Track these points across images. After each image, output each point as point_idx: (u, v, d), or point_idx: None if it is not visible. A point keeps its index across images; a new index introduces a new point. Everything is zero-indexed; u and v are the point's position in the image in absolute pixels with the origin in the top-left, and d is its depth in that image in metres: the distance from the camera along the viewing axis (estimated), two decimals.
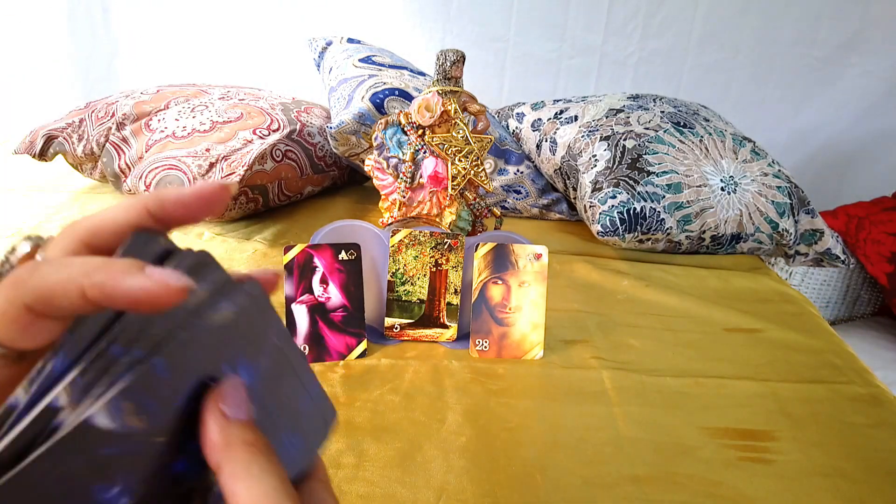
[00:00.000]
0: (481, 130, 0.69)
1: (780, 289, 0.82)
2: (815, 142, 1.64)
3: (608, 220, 0.86)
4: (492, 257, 0.62)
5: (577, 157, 0.97)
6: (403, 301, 0.63)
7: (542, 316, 0.62)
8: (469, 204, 0.71)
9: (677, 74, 1.57)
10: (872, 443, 0.53)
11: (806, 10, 1.46)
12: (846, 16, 1.45)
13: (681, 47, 1.54)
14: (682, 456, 0.50)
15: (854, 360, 0.66)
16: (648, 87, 1.54)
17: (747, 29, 1.51)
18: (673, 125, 0.97)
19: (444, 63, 0.65)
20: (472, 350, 0.61)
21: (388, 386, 0.56)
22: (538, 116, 1.10)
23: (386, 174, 0.73)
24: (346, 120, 0.92)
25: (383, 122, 0.71)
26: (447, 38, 1.52)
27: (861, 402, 0.58)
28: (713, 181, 0.90)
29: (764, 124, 1.58)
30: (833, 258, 0.94)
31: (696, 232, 0.89)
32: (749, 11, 1.49)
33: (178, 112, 0.97)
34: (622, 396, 0.57)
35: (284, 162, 0.94)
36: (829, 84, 1.54)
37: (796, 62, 1.53)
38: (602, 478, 0.46)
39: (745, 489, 0.46)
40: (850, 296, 1.58)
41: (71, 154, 0.97)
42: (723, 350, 0.66)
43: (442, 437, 0.50)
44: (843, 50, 1.49)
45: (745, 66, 1.55)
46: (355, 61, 1.07)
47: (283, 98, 1.10)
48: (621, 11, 1.51)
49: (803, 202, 0.94)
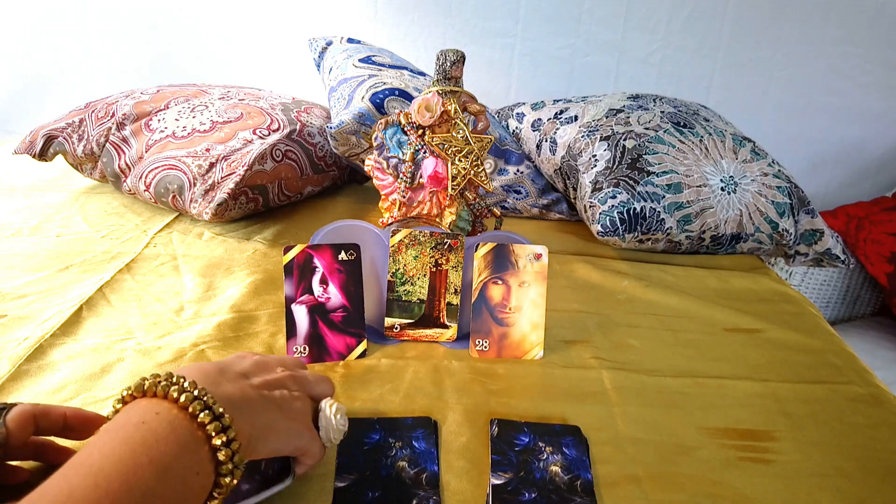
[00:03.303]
0: (481, 130, 0.69)
1: (780, 289, 0.82)
2: (869, 155, 1.51)
3: (608, 220, 0.86)
4: (492, 257, 0.62)
5: (577, 157, 0.97)
6: (403, 301, 0.63)
7: (542, 316, 0.62)
8: (469, 204, 0.71)
9: (707, 74, 1.44)
10: (872, 443, 0.53)
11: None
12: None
13: (711, 44, 1.40)
14: (682, 456, 0.50)
15: (854, 360, 0.66)
16: (674, 87, 1.44)
17: (787, 23, 1.38)
18: (673, 125, 0.97)
19: (444, 63, 0.65)
20: (472, 350, 0.61)
21: (389, 386, 0.56)
22: (538, 116, 1.10)
23: (386, 174, 0.73)
24: (346, 120, 0.92)
25: (383, 122, 0.71)
26: (448, 34, 1.42)
27: (861, 402, 0.58)
28: (713, 181, 0.90)
29: (809, 135, 1.47)
30: (833, 258, 0.94)
31: (696, 232, 0.89)
32: (788, 4, 1.36)
33: (178, 112, 0.97)
34: (622, 396, 0.57)
35: (284, 162, 0.94)
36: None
37: (845, 62, 1.40)
38: (602, 478, 0.46)
39: (745, 489, 0.46)
40: (850, 296, 1.58)
41: (71, 154, 0.97)
42: (723, 350, 0.66)
43: (442, 437, 0.50)
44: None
45: (785, 65, 1.42)
46: (355, 61, 1.07)
47: (283, 98, 1.10)
48: (643, 3, 1.37)
49: (803, 202, 0.94)
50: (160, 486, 0.30)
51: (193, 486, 0.32)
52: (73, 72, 1.51)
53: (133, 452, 0.30)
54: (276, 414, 0.38)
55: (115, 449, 0.30)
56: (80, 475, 0.28)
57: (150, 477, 0.29)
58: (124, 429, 0.31)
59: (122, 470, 0.29)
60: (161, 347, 0.59)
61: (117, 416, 0.33)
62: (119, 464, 0.29)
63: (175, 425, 0.32)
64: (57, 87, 1.52)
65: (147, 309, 0.66)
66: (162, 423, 0.32)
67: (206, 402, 0.33)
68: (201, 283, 0.72)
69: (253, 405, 0.37)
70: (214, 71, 1.49)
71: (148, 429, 0.31)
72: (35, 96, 1.53)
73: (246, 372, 0.40)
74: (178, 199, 0.87)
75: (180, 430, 0.32)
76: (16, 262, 0.74)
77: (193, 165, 0.87)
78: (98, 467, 0.29)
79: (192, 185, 0.86)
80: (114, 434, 0.31)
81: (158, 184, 0.88)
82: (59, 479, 0.28)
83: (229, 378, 0.38)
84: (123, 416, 0.33)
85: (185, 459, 0.31)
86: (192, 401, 0.33)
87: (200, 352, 0.58)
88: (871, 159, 1.57)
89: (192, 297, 0.69)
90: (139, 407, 0.33)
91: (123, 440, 0.31)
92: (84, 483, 0.28)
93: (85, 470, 0.29)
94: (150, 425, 0.32)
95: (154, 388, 0.34)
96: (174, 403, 0.33)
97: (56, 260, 0.75)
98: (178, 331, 0.62)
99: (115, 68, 1.51)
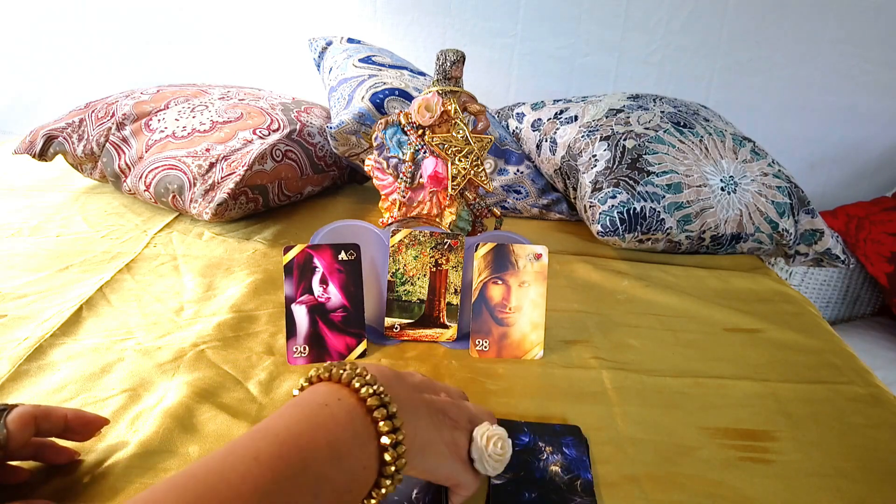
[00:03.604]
0: (481, 130, 0.69)
1: (780, 289, 0.82)
2: (868, 154, 1.52)
3: (608, 220, 0.86)
4: (492, 257, 0.62)
5: (577, 157, 0.97)
6: (403, 301, 0.63)
7: (542, 316, 0.62)
8: (469, 204, 0.71)
9: (707, 74, 1.44)
10: (872, 443, 0.53)
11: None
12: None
13: (711, 44, 1.40)
14: (682, 456, 0.50)
15: (854, 360, 0.66)
16: (674, 87, 1.44)
17: (787, 23, 1.37)
18: (673, 125, 0.97)
19: (444, 63, 0.65)
20: (472, 350, 0.61)
21: None
22: (538, 116, 1.10)
23: (386, 174, 0.73)
24: (346, 120, 0.92)
25: (383, 122, 0.71)
26: (448, 34, 1.42)
27: (861, 402, 0.58)
28: (713, 181, 0.90)
29: (808, 135, 1.47)
30: (833, 258, 0.94)
31: (696, 232, 0.89)
32: (788, 4, 1.36)
33: (178, 112, 0.97)
34: (622, 396, 0.57)
35: (284, 162, 0.94)
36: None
37: (844, 61, 1.40)
38: (602, 477, 0.46)
39: (745, 489, 0.46)
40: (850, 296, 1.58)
41: (71, 154, 0.97)
42: (723, 350, 0.66)
43: None
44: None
45: (785, 65, 1.42)
46: (355, 61, 1.07)
47: (283, 98, 1.10)
48: (642, 3, 1.37)
49: (803, 202, 0.94)
50: (332, 470, 0.31)
51: (359, 479, 0.32)
52: (73, 72, 1.51)
53: (314, 432, 0.31)
54: (436, 435, 0.38)
55: (299, 424, 0.32)
56: (266, 441, 0.30)
57: (325, 459, 0.31)
58: (309, 407, 0.33)
59: (303, 446, 0.31)
60: (161, 347, 0.59)
61: (303, 394, 0.35)
62: (300, 438, 0.31)
63: (353, 415, 0.33)
64: (57, 87, 1.52)
65: (147, 309, 0.66)
66: (342, 410, 0.33)
67: (383, 399, 0.34)
68: (201, 283, 0.72)
69: (420, 417, 0.37)
70: (214, 71, 1.49)
71: (329, 412, 0.33)
72: (35, 96, 1.53)
73: (417, 385, 0.40)
74: (178, 199, 0.87)
75: (357, 421, 0.33)
76: (16, 262, 0.74)
77: (193, 165, 0.87)
78: (283, 438, 0.31)
79: (192, 185, 0.86)
80: (299, 410, 0.33)
81: (158, 184, 0.88)
82: (247, 440, 0.30)
83: (404, 385, 0.38)
84: (309, 394, 0.34)
85: (356, 451, 0.32)
86: (370, 395, 0.34)
87: (200, 352, 0.58)
88: (870, 159, 1.57)
89: (192, 297, 0.69)
90: (324, 389, 0.34)
91: (307, 417, 0.32)
92: (269, 449, 0.30)
93: (271, 438, 0.31)
94: (331, 409, 0.33)
95: (340, 375, 0.35)
96: (354, 393, 0.34)
97: (56, 260, 0.75)
98: (178, 331, 0.62)
99: (115, 68, 1.51)
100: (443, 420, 0.39)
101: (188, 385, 0.53)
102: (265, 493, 0.28)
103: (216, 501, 0.27)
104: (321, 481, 0.30)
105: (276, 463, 0.29)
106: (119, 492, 0.42)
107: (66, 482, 0.43)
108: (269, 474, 0.28)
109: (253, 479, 0.28)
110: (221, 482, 0.28)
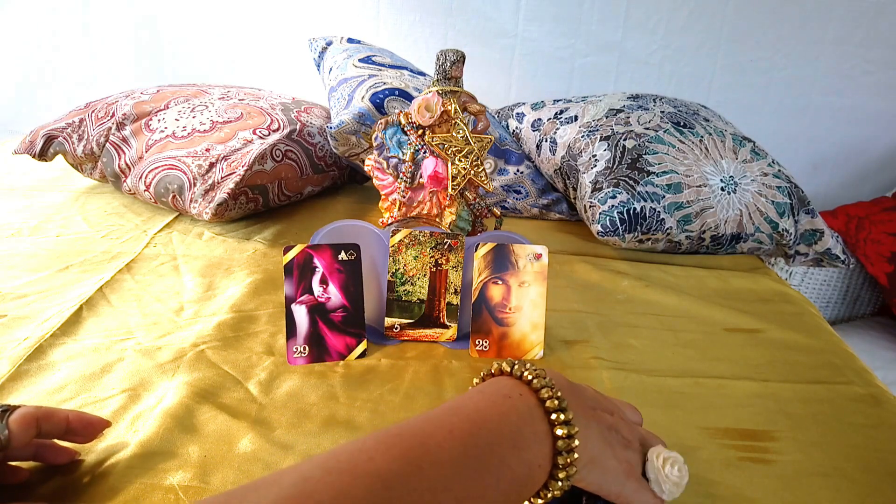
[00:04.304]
0: (481, 130, 0.69)
1: (780, 289, 0.82)
2: (869, 155, 1.51)
3: (608, 220, 0.86)
4: (492, 257, 0.62)
5: (577, 157, 0.97)
6: (403, 301, 0.63)
7: (542, 316, 0.62)
8: (469, 204, 0.71)
9: (707, 74, 1.45)
10: (872, 443, 0.53)
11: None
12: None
13: (711, 44, 1.40)
14: (682, 456, 0.49)
15: (854, 360, 0.66)
16: (674, 87, 1.44)
17: (787, 23, 1.38)
18: (673, 125, 0.97)
19: (444, 63, 0.65)
20: (472, 350, 0.61)
21: (388, 386, 0.56)
22: (538, 116, 1.10)
23: (386, 174, 0.73)
24: (346, 120, 0.92)
25: (383, 122, 0.71)
26: (449, 34, 1.42)
27: (861, 402, 0.58)
28: (713, 181, 0.90)
29: (809, 135, 1.47)
30: (833, 258, 0.94)
31: (696, 232, 0.89)
32: (788, 4, 1.36)
33: (178, 112, 0.97)
34: (622, 396, 0.56)
35: (284, 162, 0.94)
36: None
37: (845, 62, 1.41)
38: None
39: (745, 489, 0.46)
40: (850, 296, 1.58)
41: (71, 154, 0.97)
42: (723, 350, 0.66)
43: None
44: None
45: (785, 65, 1.43)
46: (355, 61, 1.07)
47: (283, 98, 1.10)
48: (642, 3, 1.37)
49: (803, 202, 0.94)
50: (513, 459, 0.31)
51: (534, 475, 0.32)
52: (73, 72, 1.51)
53: (500, 418, 0.32)
54: (608, 450, 0.37)
55: (487, 409, 0.33)
56: (458, 417, 0.32)
57: (509, 446, 0.31)
58: (494, 396, 0.34)
59: (491, 430, 0.32)
60: (161, 347, 0.59)
61: (486, 383, 0.36)
62: (488, 422, 0.32)
63: (533, 413, 0.33)
64: (57, 87, 1.52)
65: (147, 309, 0.66)
66: (524, 405, 0.34)
67: (561, 403, 0.34)
68: (201, 283, 0.72)
69: (591, 429, 0.36)
70: (214, 71, 1.49)
71: (512, 404, 0.33)
72: (35, 96, 1.53)
73: (590, 399, 0.39)
74: (178, 199, 0.87)
75: (536, 419, 0.33)
76: (16, 262, 0.74)
77: (193, 165, 0.87)
78: (474, 418, 0.32)
79: (192, 185, 0.86)
80: (485, 397, 0.34)
81: (158, 184, 0.88)
82: (441, 414, 0.32)
83: (578, 396, 0.37)
84: (495, 384, 0.35)
85: (533, 447, 0.33)
86: (549, 397, 0.34)
87: (200, 352, 0.58)
88: (871, 159, 1.57)
89: (192, 297, 0.69)
90: (507, 382, 0.35)
91: (493, 404, 0.33)
92: (462, 426, 0.31)
93: (463, 416, 0.32)
94: (514, 402, 0.34)
95: (521, 372, 0.35)
96: (535, 393, 0.34)
97: (56, 260, 0.75)
98: (178, 331, 0.62)
99: (115, 68, 1.51)
100: (615, 437, 0.38)
101: (188, 385, 0.53)
102: (462, 466, 0.29)
103: (417, 462, 0.28)
104: (503, 467, 0.31)
105: (467, 440, 0.30)
106: (119, 492, 0.42)
107: (66, 482, 0.43)
108: (461, 448, 0.30)
109: (448, 449, 0.30)
110: (421, 446, 0.29)
